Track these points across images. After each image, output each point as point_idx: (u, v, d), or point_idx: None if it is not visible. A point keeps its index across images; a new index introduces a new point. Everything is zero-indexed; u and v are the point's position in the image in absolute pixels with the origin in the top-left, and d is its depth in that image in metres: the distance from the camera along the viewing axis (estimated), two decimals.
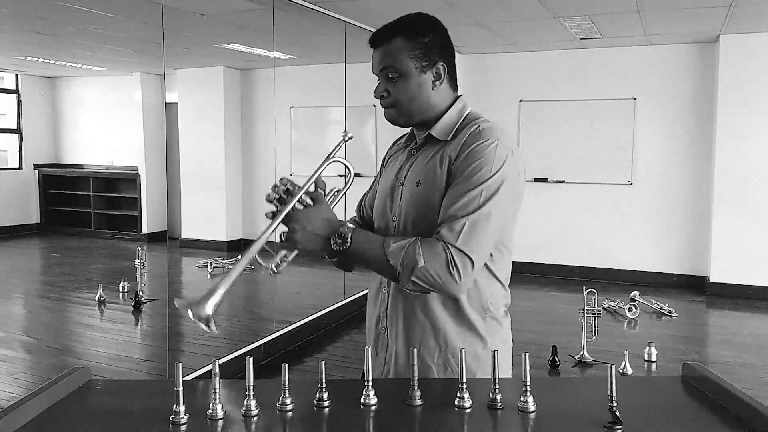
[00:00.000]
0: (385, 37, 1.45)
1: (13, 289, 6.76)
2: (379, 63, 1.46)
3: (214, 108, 8.30)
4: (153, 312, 5.62)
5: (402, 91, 1.45)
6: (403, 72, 1.44)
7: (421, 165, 1.48)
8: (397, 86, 1.45)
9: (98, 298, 5.75)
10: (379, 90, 1.48)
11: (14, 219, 9.58)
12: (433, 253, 1.30)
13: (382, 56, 1.45)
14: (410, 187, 1.48)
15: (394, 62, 1.44)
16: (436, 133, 1.48)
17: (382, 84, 1.47)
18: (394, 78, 1.45)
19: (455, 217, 1.33)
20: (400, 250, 1.32)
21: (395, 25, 1.47)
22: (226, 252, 7.97)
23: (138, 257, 5.84)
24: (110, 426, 1.05)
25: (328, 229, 1.37)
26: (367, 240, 1.38)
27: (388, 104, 1.48)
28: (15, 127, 9.67)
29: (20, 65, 8.68)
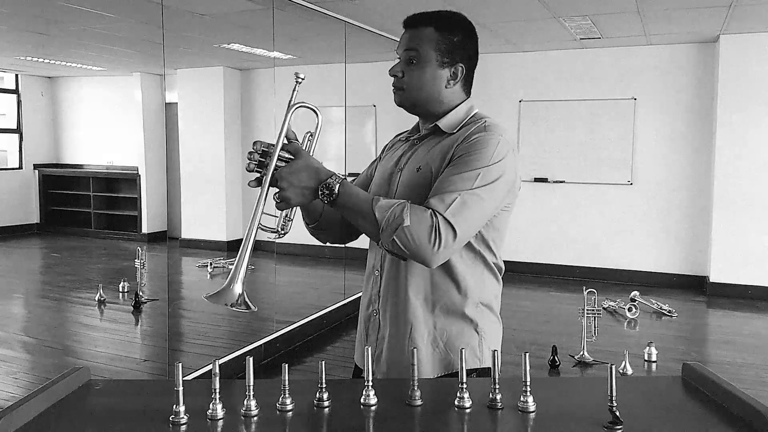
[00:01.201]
0: (418, 22, 1.48)
1: (13, 289, 6.76)
2: (406, 44, 1.48)
3: (214, 108, 8.30)
4: (153, 312, 5.62)
5: (416, 77, 1.48)
6: (423, 59, 1.47)
7: (423, 153, 1.51)
8: (412, 71, 1.48)
9: (98, 298, 5.76)
10: (395, 68, 1.50)
11: (14, 219, 9.58)
12: (420, 216, 1.29)
13: (410, 38, 1.48)
14: (409, 172, 1.49)
15: (419, 47, 1.46)
16: (443, 125, 1.51)
17: (400, 64, 1.50)
18: (413, 62, 1.47)
19: (448, 191, 1.33)
20: (388, 207, 1.31)
21: (432, 13, 1.49)
22: (226, 252, 7.97)
23: (138, 257, 5.84)
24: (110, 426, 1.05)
25: (315, 180, 1.34)
26: (355, 193, 1.34)
27: (399, 86, 1.50)
28: (15, 127, 9.67)
29: (20, 65, 8.68)
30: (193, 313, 5.74)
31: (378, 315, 1.53)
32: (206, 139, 8.37)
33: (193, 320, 5.49)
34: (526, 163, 7.13)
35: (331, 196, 1.32)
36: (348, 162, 6.60)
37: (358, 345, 1.63)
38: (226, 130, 8.29)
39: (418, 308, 1.46)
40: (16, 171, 9.70)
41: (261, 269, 7.25)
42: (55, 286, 6.79)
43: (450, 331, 1.46)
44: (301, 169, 1.35)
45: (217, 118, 8.29)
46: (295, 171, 1.34)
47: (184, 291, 6.62)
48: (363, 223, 1.34)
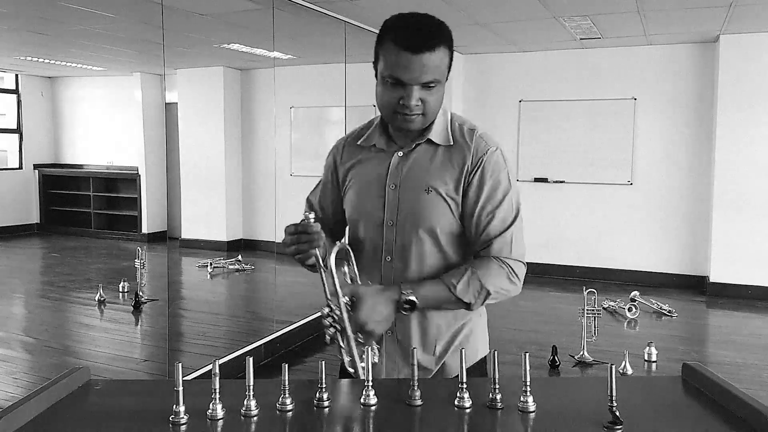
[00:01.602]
0: (430, 45, 1.36)
1: (13, 289, 6.76)
2: (423, 72, 1.36)
3: (214, 108, 8.29)
4: (153, 312, 5.62)
5: (436, 100, 1.43)
6: (442, 81, 1.41)
7: (419, 170, 1.48)
8: (433, 95, 1.41)
9: (98, 298, 5.75)
10: (414, 99, 1.38)
11: (14, 219, 9.58)
12: (494, 274, 1.43)
13: (426, 66, 1.36)
14: (414, 192, 1.47)
15: (439, 73, 1.39)
16: (436, 138, 1.49)
17: (416, 92, 1.38)
18: (432, 87, 1.40)
19: (501, 232, 1.46)
20: (467, 287, 1.41)
21: (437, 32, 1.39)
22: (226, 252, 7.97)
23: (138, 257, 5.84)
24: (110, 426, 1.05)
25: (391, 304, 1.39)
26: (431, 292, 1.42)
27: (420, 112, 1.41)
28: (15, 127, 9.66)
29: (20, 65, 8.68)
30: (193, 313, 5.74)
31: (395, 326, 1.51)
32: (206, 139, 8.37)
33: (193, 320, 5.49)
34: (526, 163, 7.13)
35: (414, 307, 1.40)
36: None
37: None
38: (226, 130, 8.29)
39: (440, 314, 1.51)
40: (16, 171, 9.70)
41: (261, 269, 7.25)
42: (55, 286, 6.79)
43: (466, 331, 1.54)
44: (373, 305, 1.37)
45: (217, 118, 8.29)
46: (370, 310, 1.36)
47: (184, 291, 6.62)
48: (451, 307, 1.46)
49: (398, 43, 1.36)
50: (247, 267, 7.14)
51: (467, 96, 7.29)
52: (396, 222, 1.49)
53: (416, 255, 1.49)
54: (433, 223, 1.46)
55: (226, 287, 7.12)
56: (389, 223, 1.50)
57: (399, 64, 1.36)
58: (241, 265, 7.16)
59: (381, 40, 1.42)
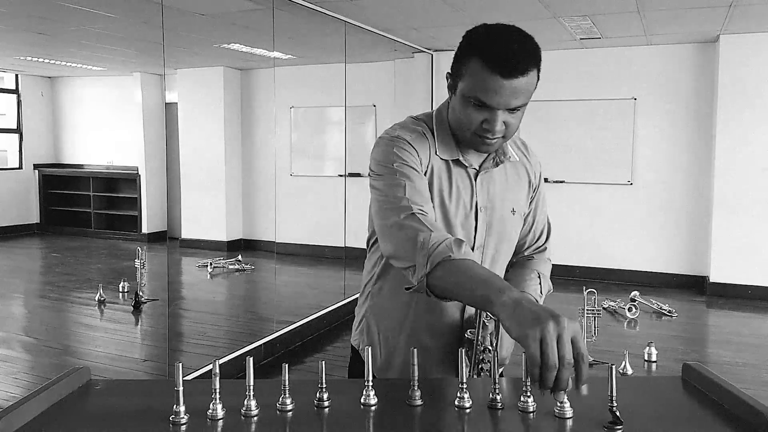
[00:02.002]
0: (523, 69, 1.24)
1: (13, 289, 6.76)
2: (514, 97, 1.26)
3: (214, 108, 8.30)
4: (153, 312, 5.62)
5: (518, 121, 1.33)
6: (526, 104, 1.31)
7: (499, 188, 1.47)
8: (516, 118, 1.31)
9: (98, 298, 5.76)
10: (499, 125, 1.29)
11: (14, 219, 9.58)
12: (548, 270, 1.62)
13: (519, 90, 1.25)
14: (500, 214, 1.45)
15: (526, 97, 1.29)
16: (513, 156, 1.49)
17: (502, 115, 1.28)
18: (518, 110, 1.30)
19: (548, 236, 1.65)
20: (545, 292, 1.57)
21: (529, 53, 1.26)
22: (226, 252, 7.97)
23: (138, 257, 5.84)
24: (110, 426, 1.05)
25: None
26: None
27: (502, 134, 1.32)
28: (15, 127, 9.67)
29: (20, 65, 8.68)
30: (193, 313, 5.74)
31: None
32: (206, 139, 8.37)
33: (193, 320, 5.49)
34: None
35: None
36: (348, 162, 6.60)
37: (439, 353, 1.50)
38: (226, 130, 8.29)
39: None
40: (16, 171, 9.70)
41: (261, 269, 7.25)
42: (55, 286, 6.79)
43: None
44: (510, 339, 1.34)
45: (217, 118, 8.29)
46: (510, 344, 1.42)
47: (184, 291, 6.63)
48: None
49: (488, 64, 1.23)
50: (247, 267, 7.15)
51: None
52: (484, 246, 1.47)
53: (500, 273, 1.52)
54: (514, 241, 1.55)
55: (226, 287, 7.12)
56: (479, 248, 1.46)
57: (488, 87, 1.24)
58: (241, 265, 7.16)
59: (467, 55, 1.28)
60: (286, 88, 7.92)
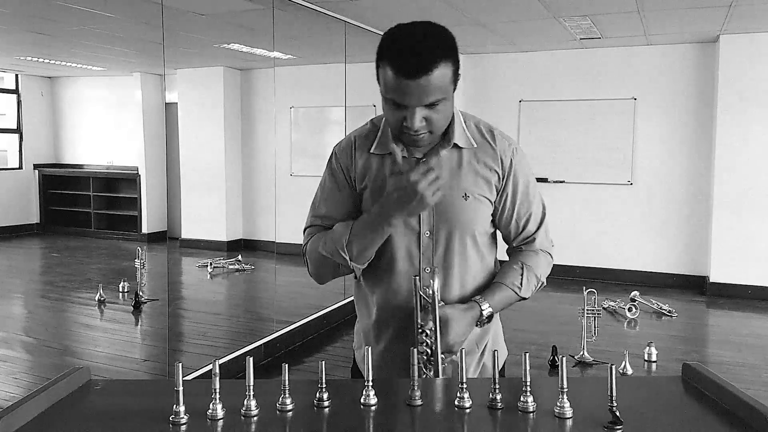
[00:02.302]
0: (427, 66, 1.25)
1: (13, 289, 6.76)
2: (424, 95, 1.28)
3: (214, 108, 8.29)
4: (153, 312, 5.62)
5: (443, 116, 1.36)
6: (445, 98, 1.32)
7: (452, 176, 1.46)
8: (439, 113, 1.34)
9: (98, 298, 5.76)
10: (417, 121, 1.31)
11: (14, 219, 9.58)
12: (542, 264, 1.56)
13: (426, 89, 1.27)
14: (448, 199, 1.44)
15: (442, 93, 1.30)
16: (461, 143, 1.46)
17: (419, 112, 1.31)
18: (437, 105, 1.32)
19: (539, 227, 1.57)
20: (528, 284, 1.51)
21: (432, 48, 1.28)
22: (226, 252, 7.97)
23: (138, 257, 5.84)
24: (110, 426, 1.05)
25: (473, 321, 1.44)
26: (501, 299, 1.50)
27: (425, 131, 1.35)
28: (15, 127, 9.66)
29: (20, 65, 8.68)
30: (193, 313, 5.74)
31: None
32: (206, 139, 8.37)
33: (193, 320, 5.49)
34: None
35: (490, 318, 1.49)
36: None
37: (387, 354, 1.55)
38: (226, 130, 8.29)
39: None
40: (16, 171, 9.70)
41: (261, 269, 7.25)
42: (55, 286, 6.79)
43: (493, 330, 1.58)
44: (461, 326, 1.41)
45: (217, 118, 8.29)
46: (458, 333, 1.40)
47: (184, 291, 6.63)
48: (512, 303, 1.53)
49: (393, 67, 1.27)
50: (247, 267, 7.14)
51: (467, 96, 7.28)
52: (433, 231, 1.47)
53: (459, 261, 1.48)
54: (473, 227, 1.48)
55: (226, 287, 7.12)
56: (426, 234, 1.47)
57: (397, 88, 1.29)
58: (241, 265, 7.16)
59: (378, 59, 1.33)
60: (286, 88, 7.92)
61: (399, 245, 1.48)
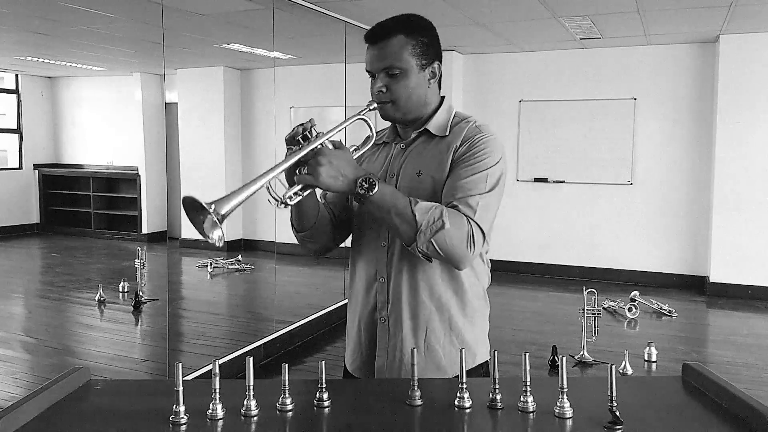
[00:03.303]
0: (386, 34, 1.47)
1: (13, 289, 6.76)
2: (380, 60, 1.46)
3: (214, 108, 8.30)
4: (153, 312, 5.62)
5: (402, 87, 1.47)
6: (404, 68, 1.46)
7: (416, 157, 1.52)
8: (398, 82, 1.47)
9: (98, 298, 5.75)
10: (378, 86, 1.47)
11: (14, 219, 9.58)
12: (459, 222, 1.34)
13: (383, 53, 1.46)
14: (408, 177, 1.50)
15: (396, 59, 1.45)
16: (433, 129, 1.52)
17: (381, 80, 1.48)
18: (396, 74, 1.46)
19: (469, 195, 1.38)
20: (427, 210, 1.33)
21: (395, 22, 1.49)
22: (226, 252, 7.96)
23: (138, 257, 5.84)
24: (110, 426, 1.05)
25: (355, 173, 1.34)
26: (392, 192, 1.36)
27: (387, 99, 1.49)
28: (15, 127, 9.67)
29: (20, 65, 8.68)
30: (193, 313, 5.74)
31: (387, 322, 1.51)
32: (206, 139, 8.37)
33: (193, 320, 5.49)
34: (526, 163, 7.13)
35: (371, 190, 1.32)
36: None
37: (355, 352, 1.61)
38: (226, 130, 8.29)
39: (433, 310, 1.48)
40: (16, 171, 9.70)
41: (261, 269, 7.25)
42: (55, 286, 6.79)
43: (463, 328, 1.50)
44: (345, 159, 1.35)
45: (217, 118, 8.29)
46: (339, 156, 1.34)
47: (184, 291, 6.63)
48: (398, 222, 1.34)
49: (365, 39, 1.50)
50: (247, 267, 7.14)
51: (467, 96, 7.29)
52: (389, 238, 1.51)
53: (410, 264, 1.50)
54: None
55: (226, 287, 7.12)
56: (382, 244, 1.53)
57: (366, 57, 1.50)
58: (241, 265, 7.16)
59: None
60: (286, 88, 7.92)
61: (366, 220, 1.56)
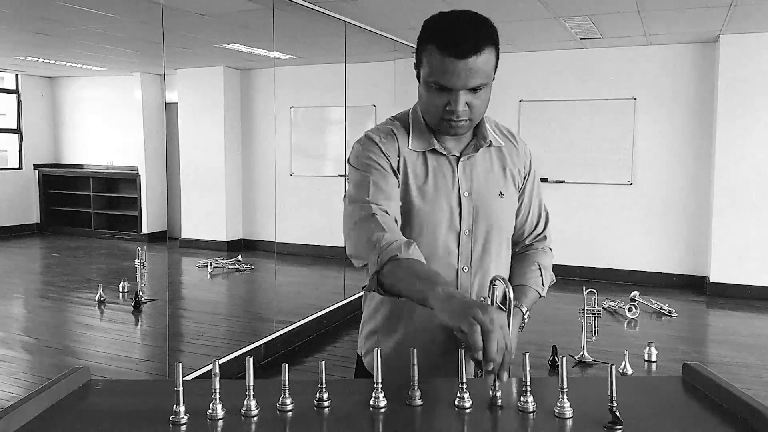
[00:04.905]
0: (477, 49, 1.29)
1: (13, 289, 6.76)
2: (471, 77, 1.30)
3: (214, 108, 8.30)
4: (153, 312, 5.62)
5: (482, 102, 1.37)
6: (487, 84, 1.35)
7: (484, 172, 1.47)
8: (479, 98, 1.36)
9: (98, 298, 5.75)
10: (461, 105, 1.32)
11: (14, 219, 9.58)
12: (550, 261, 1.60)
13: (473, 70, 1.29)
14: (486, 198, 1.45)
15: (484, 77, 1.33)
16: (495, 141, 1.51)
17: (463, 96, 1.32)
18: (479, 90, 1.34)
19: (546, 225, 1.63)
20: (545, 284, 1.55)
21: (482, 33, 1.33)
22: (226, 252, 7.97)
23: (138, 257, 5.84)
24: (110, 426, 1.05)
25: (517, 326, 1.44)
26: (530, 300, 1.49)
27: (467, 117, 1.36)
28: (15, 127, 9.66)
29: (20, 65, 8.68)
30: (193, 313, 5.74)
31: None
32: (206, 139, 8.37)
33: (193, 320, 5.49)
34: None
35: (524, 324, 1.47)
36: None
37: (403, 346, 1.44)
38: (226, 130, 8.29)
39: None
40: (16, 171, 9.70)
41: (261, 269, 7.25)
42: (55, 286, 6.79)
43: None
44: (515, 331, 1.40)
45: (217, 118, 8.29)
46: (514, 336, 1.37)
47: (184, 291, 6.63)
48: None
49: (442, 48, 1.29)
50: (247, 267, 7.15)
51: None
52: (472, 230, 1.45)
53: (495, 261, 1.48)
54: (509, 227, 1.54)
55: (226, 287, 7.12)
56: (466, 232, 1.45)
57: (444, 70, 1.29)
58: (241, 265, 7.16)
59: (423, 42, 1.34)
60: (286, 88, 7.92)
61: (439, 242, 1.44)
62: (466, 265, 1.45)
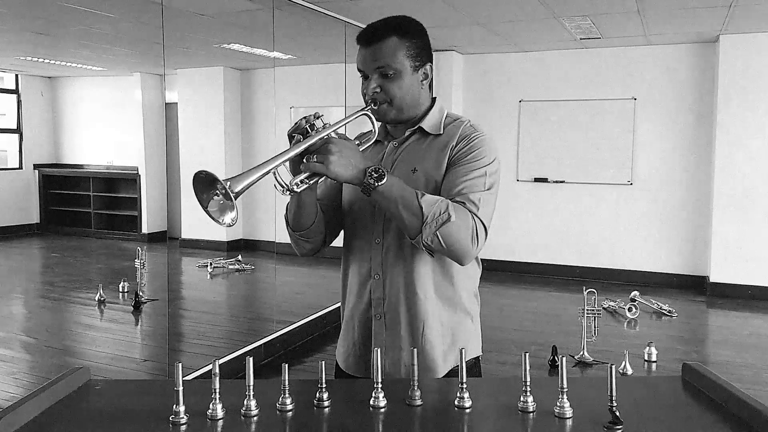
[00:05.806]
0: (379, 36, 1.49)
1: (13, 289, 6.76)
2: (374, 60, 1.48)
3: (214, 108, 8.29)
4: (153, 312, 5.62)
5: (397, 87, 1.49)
6: (399, 69, 1.48)
7: (411, 155, 1.54)
8: (392, 83, 1.49)
9: (98, 298, 5.75)
10: (372, 86, 1.49)
11: (14, 219, 9.58)
12: (464, 216, 1.37)
13: (377, 54, 1.48)
14: (402, 174, 1.50)
15: (391, 60, 1.47)
16: (427, 127, 1.55)
17: (374, 80, 1.49)
18: (390, 75, 1.48)
19: (471, 192, 1.41)
20: (434, 202, 1.35)
21: (388, 24, 1.51)
22: (226, 252, 7.97)
23: (138, 257, 5.84)
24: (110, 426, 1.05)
25: (364, 162, 1.37)
26: (399, 183, 1.37)
27: (382, 100, 1.51)
28: (15, 127, 9.66)
29: (20, 65, 8.68)
30: (193, 313, 5.74)
31: (383, 318, 1.52)
32: (206, 139, 8.37)
33: (193, 320, 5.49)
34: (526, 163, 7.13)
35: (379, 180, 1.33)
36: None
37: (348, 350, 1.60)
38: (226, 130, 8.29)
39: (428, 305, 1.50)
40: (16, 171, 9.70)
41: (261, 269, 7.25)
42: (55, 286, 6.79)
43: (455, 325, 1.53)
44: (354, 149, 1.39)
45: (217, 118, 8.29)
46: (348, 146, 1.38)
47: (184, 291, 6.63)
48: (405, 213, 1.35)
49: (357, 41, 1.52)
50: (247, 267, 7.15)
51: (467, 96, 7.29)
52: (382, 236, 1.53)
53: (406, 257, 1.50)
54: None
55: (226, 287, 7.12)
56: (376, 240, 1.53)
57: (359, 59, 1.52)
58: (241, 265, 7.16)
59: None
60: (286, 88, 7.92)
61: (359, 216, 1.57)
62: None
